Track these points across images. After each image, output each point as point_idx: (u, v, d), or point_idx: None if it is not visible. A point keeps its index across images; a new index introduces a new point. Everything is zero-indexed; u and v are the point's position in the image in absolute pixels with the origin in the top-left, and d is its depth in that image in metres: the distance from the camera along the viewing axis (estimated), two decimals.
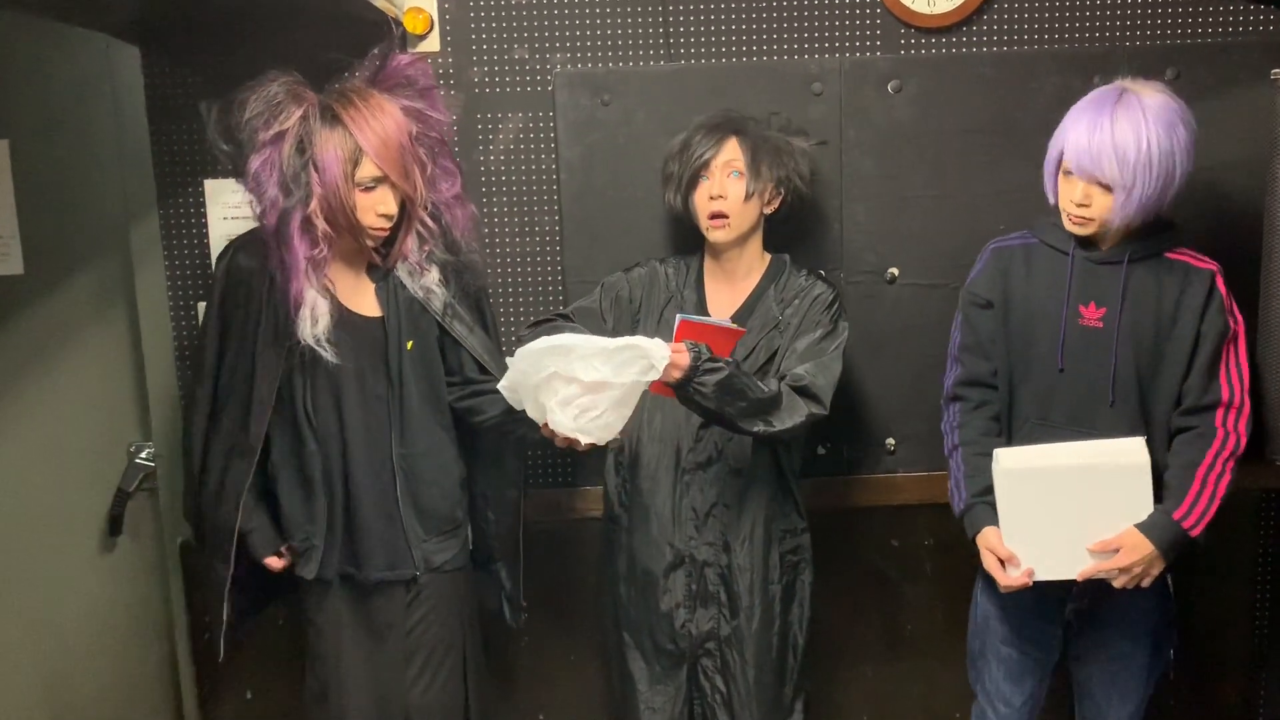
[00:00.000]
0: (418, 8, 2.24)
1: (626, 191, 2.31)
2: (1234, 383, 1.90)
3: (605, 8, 2.30)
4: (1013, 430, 2.00)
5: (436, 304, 2.00)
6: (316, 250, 1.86)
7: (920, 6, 2.30)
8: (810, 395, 1.97)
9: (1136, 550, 1.85)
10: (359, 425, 1.95)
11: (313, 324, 1.87)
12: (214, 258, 2.32)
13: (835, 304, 2.08)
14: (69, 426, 2.20)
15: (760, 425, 1.92)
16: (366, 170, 1.85)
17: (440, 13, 2.28)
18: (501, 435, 2.10)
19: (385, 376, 1.97)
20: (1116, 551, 1.85)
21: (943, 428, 2.06)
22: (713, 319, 2.03)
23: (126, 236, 2.29)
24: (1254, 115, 2.28)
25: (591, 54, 2.32)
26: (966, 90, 2.30)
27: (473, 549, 2.15)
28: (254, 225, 1.95)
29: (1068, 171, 1.90)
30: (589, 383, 1.78)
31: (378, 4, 2.07)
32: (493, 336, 2.14)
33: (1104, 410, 1.92)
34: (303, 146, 1.83)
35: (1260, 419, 1.97)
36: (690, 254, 2.19)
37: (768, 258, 2.16)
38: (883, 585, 2.51)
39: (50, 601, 2.15)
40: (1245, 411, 1.90)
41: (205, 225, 2.33)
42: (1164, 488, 1.89)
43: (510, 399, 1.92)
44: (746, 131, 2.05)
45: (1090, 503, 1.86)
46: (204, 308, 2.34)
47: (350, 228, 1.88)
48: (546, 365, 1.80)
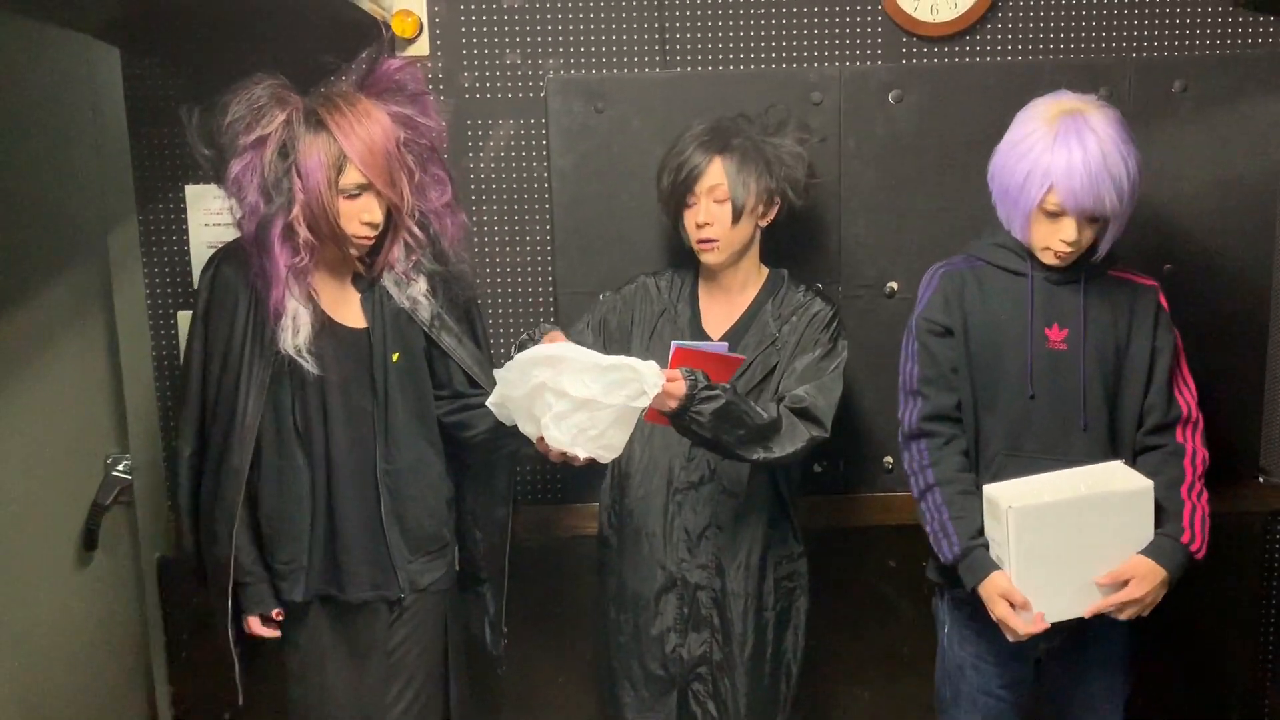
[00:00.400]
0: (406, 10, 2.18)
1: (620, 201, 2.25)
2: (1188, 397, 1.90)
3: (600, 12, 2.25)
4: (981, 463, 1.92)
5: (424, 315, 1.94)
6: (298, 259, 1.80)
7: (923, 15, 2.25)
8: (811, 418, 1.92)
9: (1149, 579, 1.79)
10: (344, 440, 1.89)
11: (294, 334, 1.81)
12: (195, 265, 2.27)
13: (834, 322, 2.02)
14: (43, 438, 2.13)
15: (760, 452, 1.87)
16: (350, 177, 1.79)
17: (430, 16, 2.23)
18: (492, 451, 2.04)
19: (370, 389, 1.91)
20: (1125, 583, 1.79)
21: (908, 468, 1.95)
22: (710, 345, 1.96)
23: (104, 243, 2.24)
24: (1263, 128, 2.25)
25: (585, 59, 2.26)
26: (969, 101, 2.25)
27: (459, 569, 2.09)
28: (236, 232, 1.89)
29: (1055, 212, 1.81)
30: (578, 398, 1.72)
31: (364, 6, 2.01)
32: (483, 349, 2.08)
33: (1077, 435, 1.87)
34: (286, 151, 1.77)
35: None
36: (684, 266, 2.13)
37: (765, 271, 2.10)
38: (880, 606, 2.45)
39: (24, 617, 2.08)
40: (1201, 425, 1.90)
41: (186, 232, 2.28)
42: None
43: (499, 414, 1.85)
44: (731, 148, 1.96)
45: (1098, 534, 1.79)
46: (185, 319, 2.29)
47: (333, 236, 1.82)
48: (534, 375, 1.74)
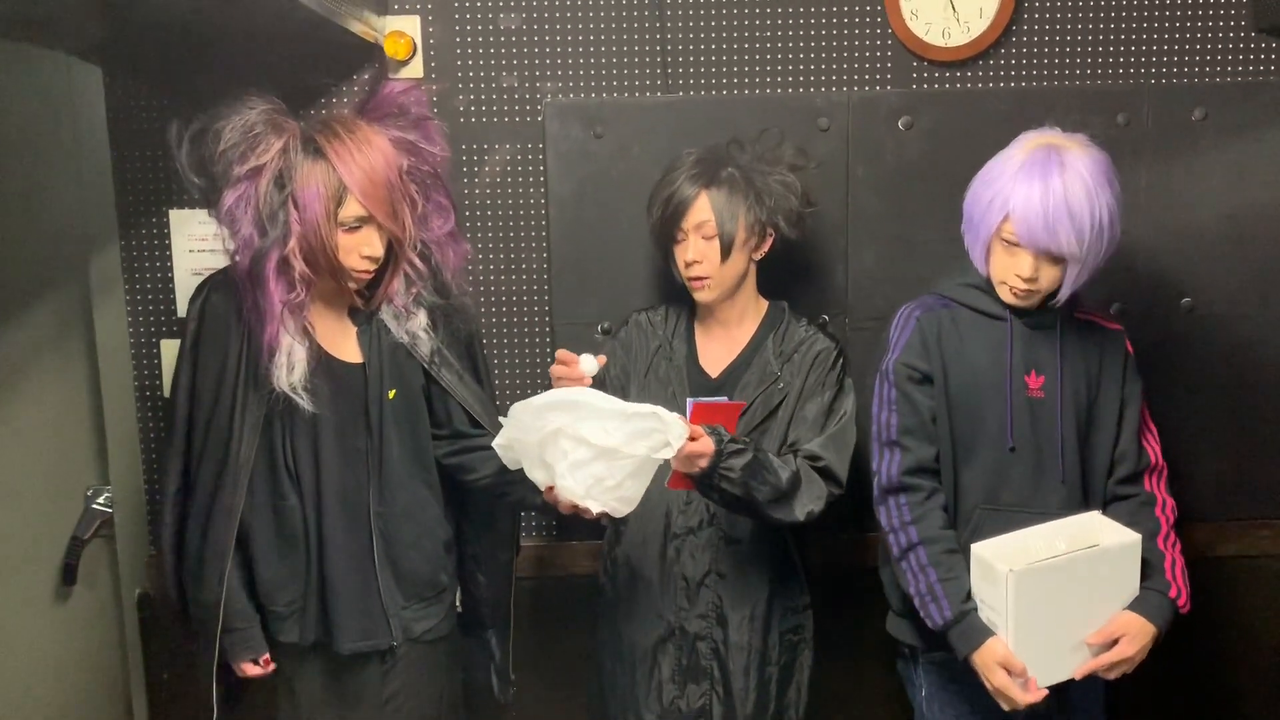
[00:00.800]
0: (399, 32, 2.11)
1: (619, 229, 2.18)
2: (1154, 446, 1.87)
3: (599, 34, 2.18)
4: (959, 519, 1.83)
5: (423, 350, 1.85)
6: (293, 294, 1.71)
7: (934, 39, 2.18)
8: (829, 476, 1.86)
9: (1140, 636, 1.72)
10: (335, 480, 1.80)
11: (288, 371, 1.72)
12: (178, 292, 2.20)
13: (839, 360, 1.96)
14: (22, 469, 2.06)
15: (786, 512, 1.81)
16: (350, 209, 1.71)
17: (424, 37, 2.16)
18: (496, 497, 1.94)
19: (365, 427, 1.82)
20: (1114, 642, 1.72)
21: (886, 525, 1.83)
22: (717, 398, 1.89)
23: (86, 269, 2.17)
24: None
25: (584, 83, 2.19)
26: (982, 128, 2.18)
27: (462, 613, 2.00)
28: (222, 259, 1.81)
29: (1010, 243, 1.75)
30: (599, 447, 1.63)
31: (356, 30, 1.94)
32: (485, 386, 1.99)
33: (1055, 487, 1.80)
34: (282, 181, 1.68)
35: None
36: (679, 300, 2.06)
37: (763, 304, 2.02)
38: (890, 649, 2.36)
39: (0, 654, 2.02)
40: (1166, 473, 1.87)
41: (170, 257, 2.20)
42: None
43: (505, 457, 1.77)
44: (719, 180, 1.88)
45: (1089, 592, 1.72)
46: (168, 347, 2.22)
47: (331, 270, 1.74)
48: (551, 421, 1.66)
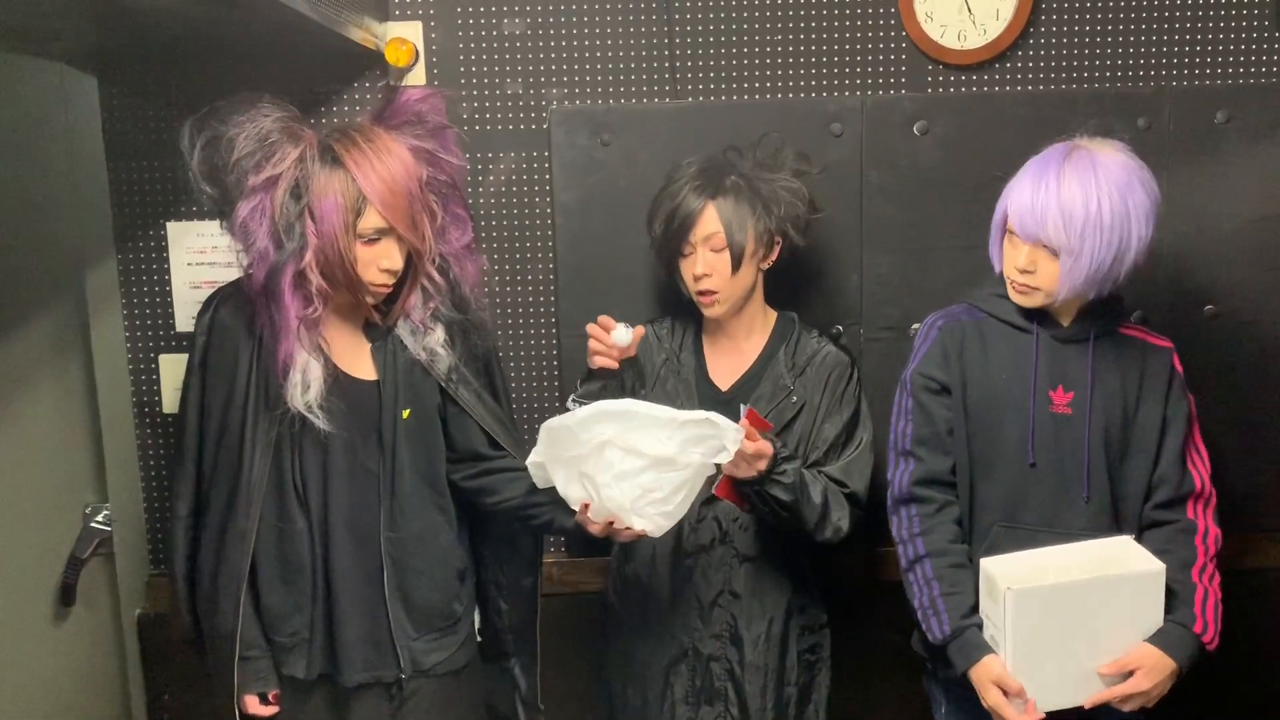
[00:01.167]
0: (401, 38, 2.06)
1: (627, 238, 2.12)
2: (1201, 471, 1.78)
3: (606, 39, 2.13)
4: (975, 535, 1.79)
5: (441, 367, 1.78)
6: (310, 309, 1.65)
7: (949, 41, 2.12)
8: (854, 502, 1.84)
9: (1157, 671, 1.66)
10: (344, 504, 1.73)
11: (304, 390, 1.66)
12: (177, 306, 2.16)
13: (854, 374, 1.91)
14: (19, 487, 2.02)
15: (822, 528, 1.80)
16: (370, 221, 1.64)
17: (426, 44, 2.11)
18: (524, 521, 1.87)
19: (378, 448, 1.75)
20: (1130, 673, 1.66)
21: (896, 535, 1.82)
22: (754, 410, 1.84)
23: (82, 283, 2.13)
24: None
25: (590, 89, 2.14)
26: (998, 132, 2.13)
27: (482, 642, 1.94)
28: (221, 272, 1.76)
29: (1012, 233, 1.72)
30: (652, 457, 1.59)
31: (356, 37, 1.89)
32: (503, 404, 1.92)
33: (1079, 507, 1.74)
34: (298, 191, 1.62)
35: None
36: (685, 313, 2.01)
37: (772, 315, 1.98)
38: (905, 666, 2.30)
39: None
40: (1214, 501, 1.78)
41: (168, 271, 2.15)
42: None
43: (536, 475, 1.72)
44: (725, 189, 1.83)
45: (1102, 618, 1.65)
46: (167, 362, 2.18)
47: (349, 283, 1.67)
48: (599, 432, 1.61)
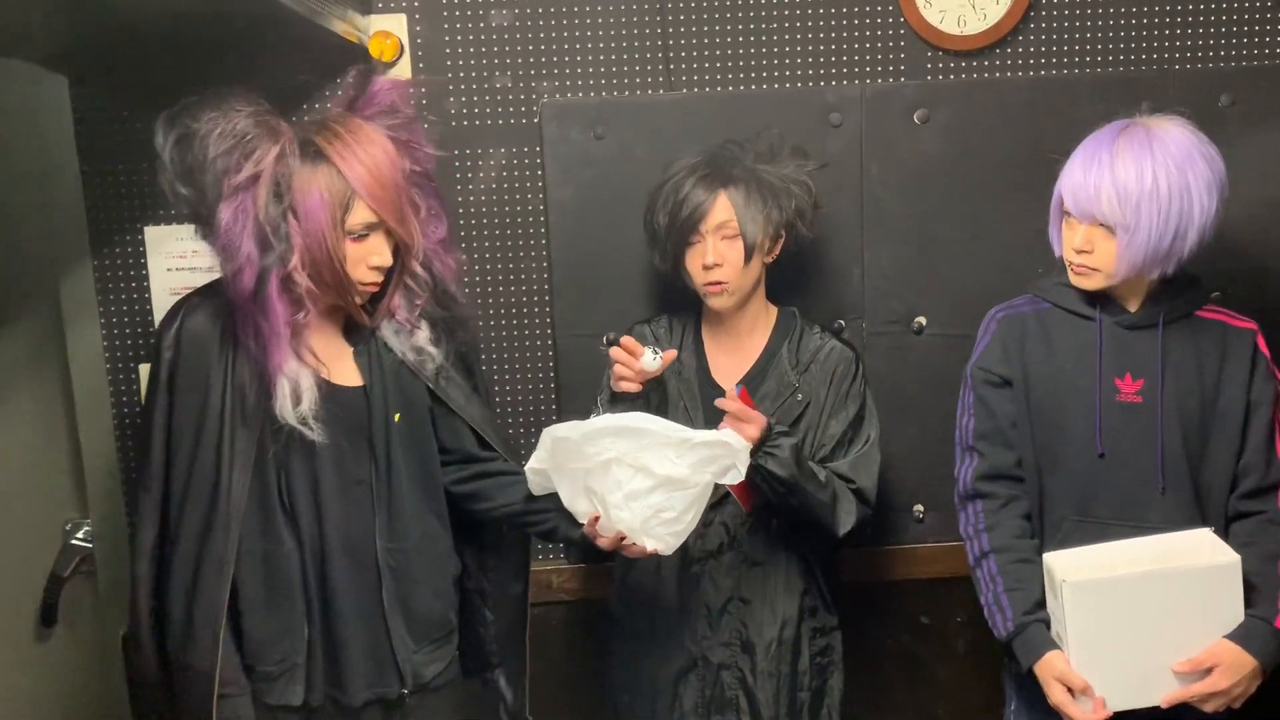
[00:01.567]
0: (386, 31, 2.00)
1: (623, 236, 2.07)
2: None
3: (597, 30, 2.07)
4: (1046, 530, 1.76)
5: (429, 367, 1.72)
6: (302, 313, 1.57)
7: (949, 27, 2.08)
8: (862, 499, 1.80)
9: (1236, 669, 1.61)
10: (338, 517, 1.65)
11: (295, 402, 1.57)
12: (157, 313, 2.08)
13: (859, 369, 1.88)
14: None
15: (829, 517, 1.77)
16: (358, 216, 1.57)
17: (411, 37, 2.05)
18: (521, 528, 1.81)
19: (369, 456, 1.68)
20: (1207, 671, 1.61)
21: (963, 531, 1.80)
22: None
23: (56, 291, 2.05)
24: None
25: (583, 82, 2.08)
26: (1001, 119, 2.09)
27: (462, 655, 1.85)
28: (202, 277, 1.67)
29: (1068, 214, 1.69)
30: (661, 475, 1.56)
31: (339, 30, 1.82)
32: (488, 404, 1.87)
33: (1155, 499, 1.69)
34: (279, 190, 1.54)
35: None
36: (683, 311, 1.96)
37: (773, 311, 1.94)
38: (913, 666, 2.29)
39: None
40: None
41: (146, 277, 2.09)
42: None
43: (535, 483, 1.67)
44: (736, 180, 1.79)
45: (1172, 613, 1.61)
46: (146, 374, 2.09)
47: (337, 284, 1.59)
48: (608, 448, 1.57)
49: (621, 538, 1.64)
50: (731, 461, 1.59)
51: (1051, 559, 1.66)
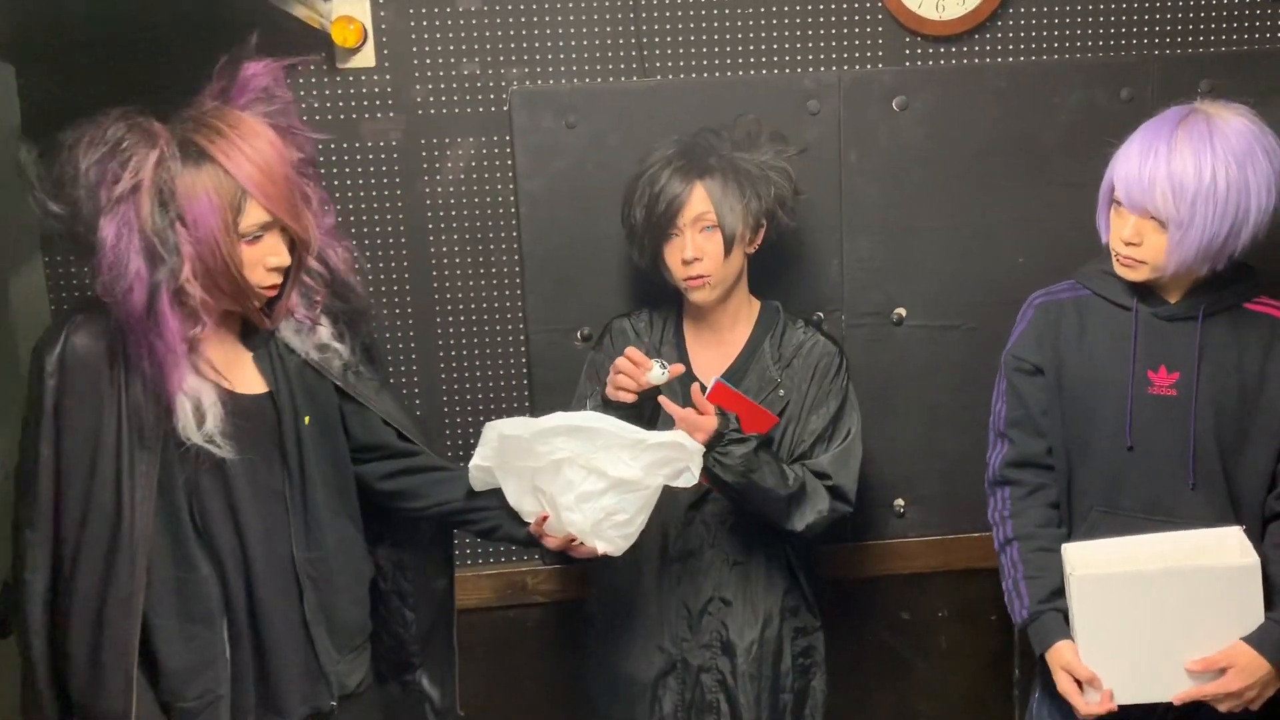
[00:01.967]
0: (348, 17, 1.92)
1: (597, 227, 2.01)
2: None
3: (568, 15, 2.01)
4: (1074, 520, 1.73)
5: (336, 364, 1.63)
6: (198, 327, 1.46)
7: (928, 12, 2.03)
8: (838, 495, 1.75)
9: (1250, 671, 1.57)
10: (259, 533, 1.56)
11: (199, 421, 1.47)
12: None
13: (843, 366, 1.83)
14: None
15: (782, 519, 1.71)
16: (252, 217, 1.46)
17: (375, 23, 1.97)
18: (459, 526, 1.75)
19: (281, 464, 1.59)
20: (1222, 671, 1.58)
21: (991, 517, 1.79)
22: (749, 399, 1.74)
23: (5, 290, 1.95)
24: None
25: (554, 69, 2.02)
26: (981, 106, 2.06)
27: (379, 658, 1.77)
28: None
29: (1118, 203, 1.64)
30: (614, 477, 1.52)
31: (300, 15, 1.75)
32: (398, 396, 1.81)
33: (1184, 494, 1.65)
34: (163, 198, 1.42)
35: None
36: (663, 304, 1.91)
37: (756, 304, 1.89)
38: (893, 662, 2.25)
39: None
40: None
41: None
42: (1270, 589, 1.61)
43: (477, 480, 1.61)
44: (713, 169, 1.73)
45: (1188, 611, 1.58)
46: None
47: (234, 291, 1.49)
48: (560, 448, 1.52)
49: (571, 539, 1.59)
50: (685, 464, 1.56)
51: (1069, 549, 1.64)
